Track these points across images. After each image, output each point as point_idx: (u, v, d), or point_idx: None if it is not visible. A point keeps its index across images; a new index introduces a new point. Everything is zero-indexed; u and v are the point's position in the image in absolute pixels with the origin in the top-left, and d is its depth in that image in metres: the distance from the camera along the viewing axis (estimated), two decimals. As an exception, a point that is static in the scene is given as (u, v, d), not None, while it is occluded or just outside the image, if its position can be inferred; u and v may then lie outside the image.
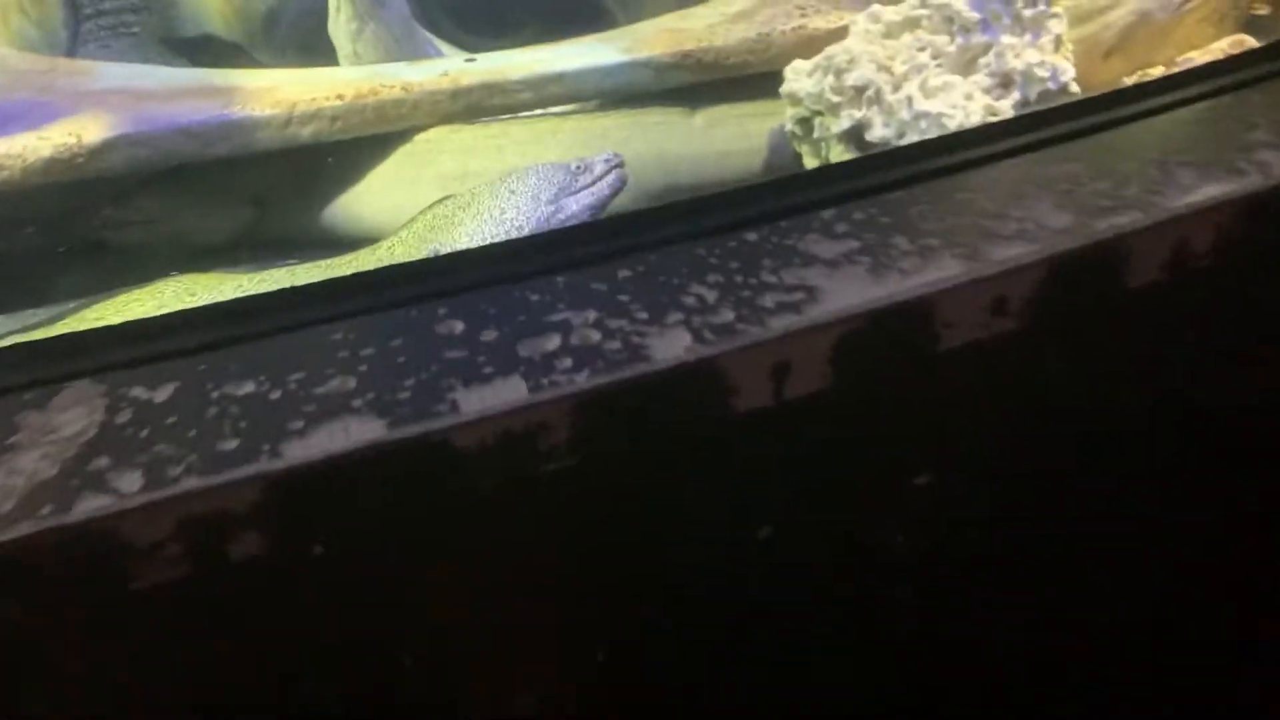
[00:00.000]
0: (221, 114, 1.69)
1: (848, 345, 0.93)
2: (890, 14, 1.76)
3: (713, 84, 1.88)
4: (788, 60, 1.85)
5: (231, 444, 0.70)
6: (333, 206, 1.95)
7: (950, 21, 1.71)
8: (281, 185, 1.95)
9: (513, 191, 1.57)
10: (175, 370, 0.78)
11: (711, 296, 0.96)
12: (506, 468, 0.76)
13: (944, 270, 0.95)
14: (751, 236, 1.10)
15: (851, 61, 1.73)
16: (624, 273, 1.03)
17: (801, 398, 0.92)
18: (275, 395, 0.77)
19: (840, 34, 1.85)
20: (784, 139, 1.86)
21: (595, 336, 0.88)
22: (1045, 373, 0.98)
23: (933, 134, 1.67)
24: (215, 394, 0.77)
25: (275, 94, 1.85)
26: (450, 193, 1.70)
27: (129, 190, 1.91)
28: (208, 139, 1.71)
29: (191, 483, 0.63)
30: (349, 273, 1.46)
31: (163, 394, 0.77)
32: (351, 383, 0.80)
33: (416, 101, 1.83)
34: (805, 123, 1.83)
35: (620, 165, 1.62)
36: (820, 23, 1.98)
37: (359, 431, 0.71)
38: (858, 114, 1.73)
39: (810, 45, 1.90)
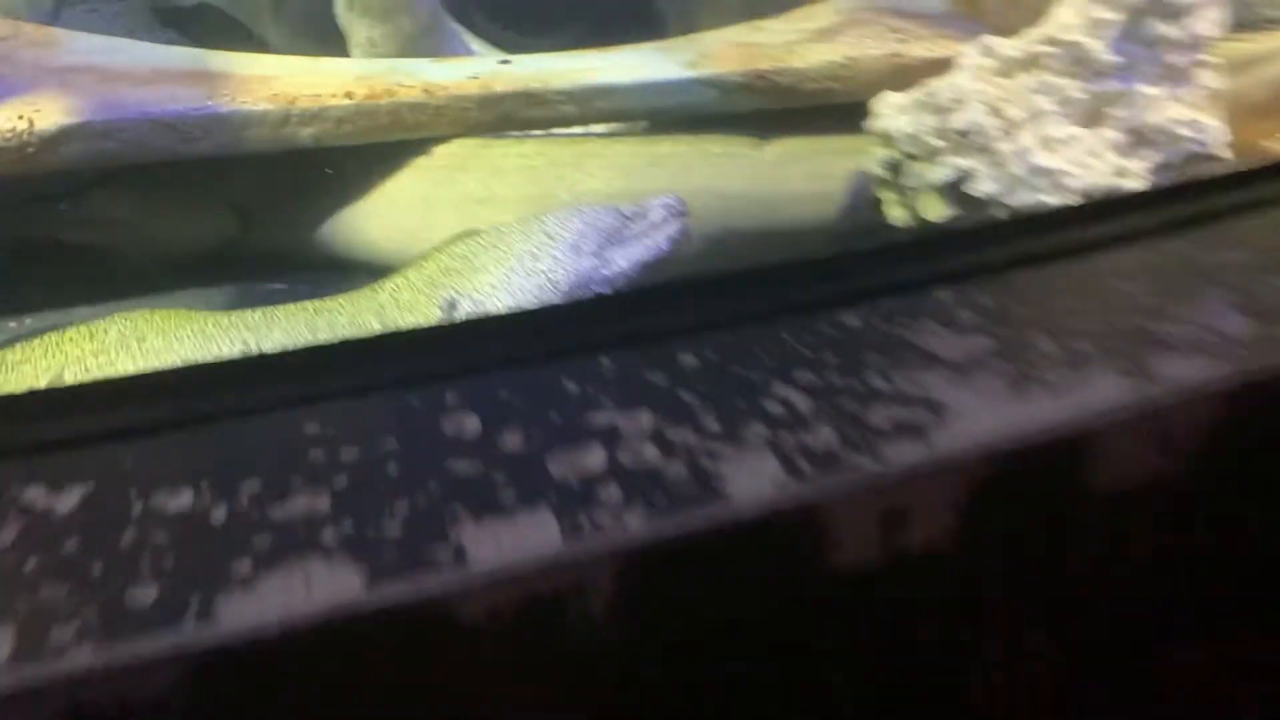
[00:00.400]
0: (206, 105, 1.62)
1: (984, 487, 0.77)
2: (1008, 48, 1.62)
3: (786, 112, 1.81)
4: (876, 91, 1.72)
5: (148, 592, 0.54)
6: (332, 223, 1.88)
7: (1080, 63, 1.56)
8: (273, 193, 1.90)
9: (549, 236, 1.43)
10: (89, 466, 0.62)
11: (804, 404, 0.80)
12: (523, 642, 0.60)
13: (1106, 389, 0.81)
14: (852, 320, 0.96)
15: (958, 101, 1.59)
16: (688, 359, 0.88)
17: (916, 554, 0.76)
18: (219, 514, 0.62)
19: (941, 67, 1.72)
20: (867, 184, 1.73)
21: (651, 454, 0.73)
22: (1216, 525, 0.82)
23: (1048, 194, 1.52)
24: (138, 507, 0.61)
25: (272, 86, 1.74)
26: (472, 225, 1.56)
27: (88, 186, 1.83)
28: (187, 134, 1.64)
29: (83, 656, 0.47)
30: (341, 323, 1.33)
31: (66, 502, 0.62)
32: (324, 502, 0.65)
33: (439, 107, 1.75)
34: (895, 168, 1.69)
35: (682, 214, 1.47)
36: (919, 50, 1.85)
37: (326, 584, 0.55)
38: (961, 163, 1.58)
39: (905, 76, 1.78)
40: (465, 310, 1.38)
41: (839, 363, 0.88)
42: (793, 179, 1.79)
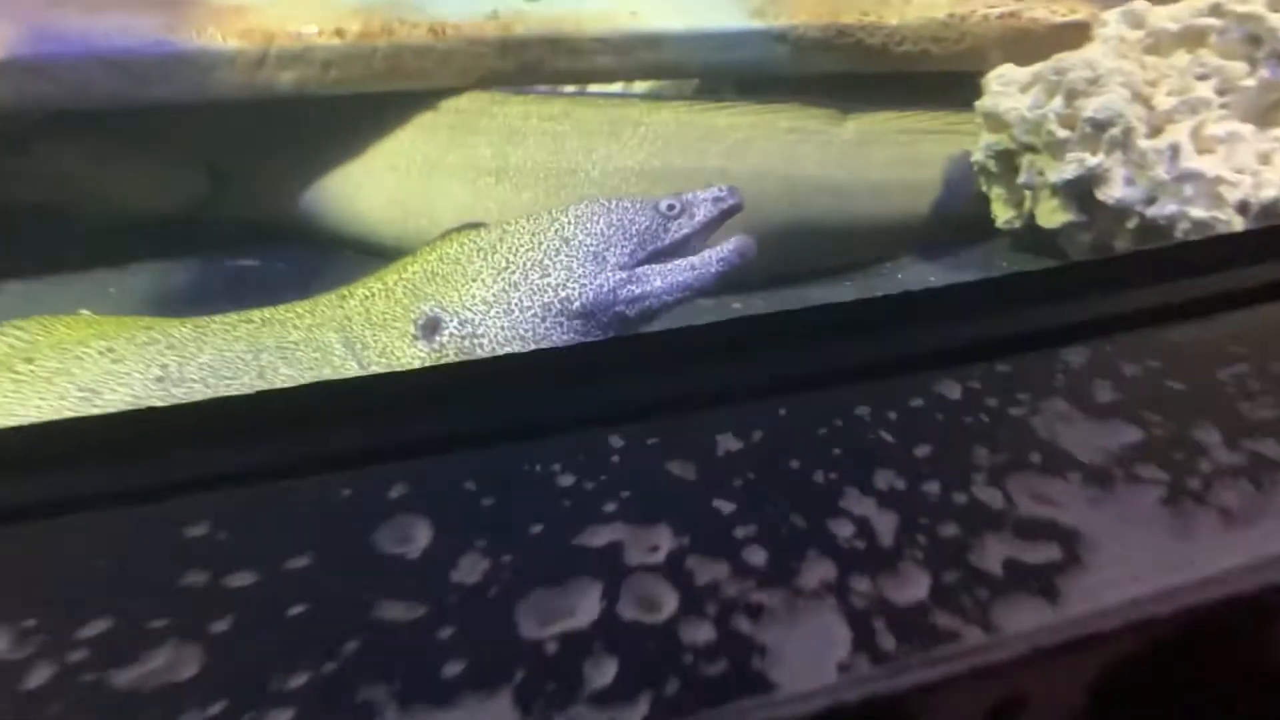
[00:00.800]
0: (164, 41, 1.54)
1: (1130, 667, 0.61)
2: (1162, 18, 1.41)
3: (873, 79, 1.69)
4: (988, 60, 1.60)
5: None
6: (317, 190, 1.80)
7: (1256, 42, 1.35)
8: (251, 151, 1.83)
9: (565, 240, 1.25)
10: None
11: (885, 527, 0.65)
12: None
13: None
14: (950, 389, 0.80)
15: (1093, 81, 1.39)
16: (728, 441, 0.71)
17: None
18: (42, 675, 0.46)
19: (1072, 35, 1.53)
20: (968, 175, 1.55)
21: (667, 602, 0.56)
22: None
23: (1199, 207, 1.32)
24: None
25: (247, 19, 1.61)
26: (480, 200, 1.50)
27: (31, 135, 1.71)
28: (143, 75, 1.56)
29: None
30: (293, 340, 1.16)
31: None
32: (191, 663, 0.48)
33: (448, 52, 1.66)
34: (1007, 158, 1.50)
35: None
36: (1044, 13, 1.66)
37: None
38: (1091, 160, 1.38)
39: (1024, 43, 1.63)
40: (449, 334, 1.20)
41: (933, 457, 0.71)
42: (877, 164, 1.65)
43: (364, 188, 1.79)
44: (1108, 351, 0.84)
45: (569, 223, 1.26)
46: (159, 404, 1.10)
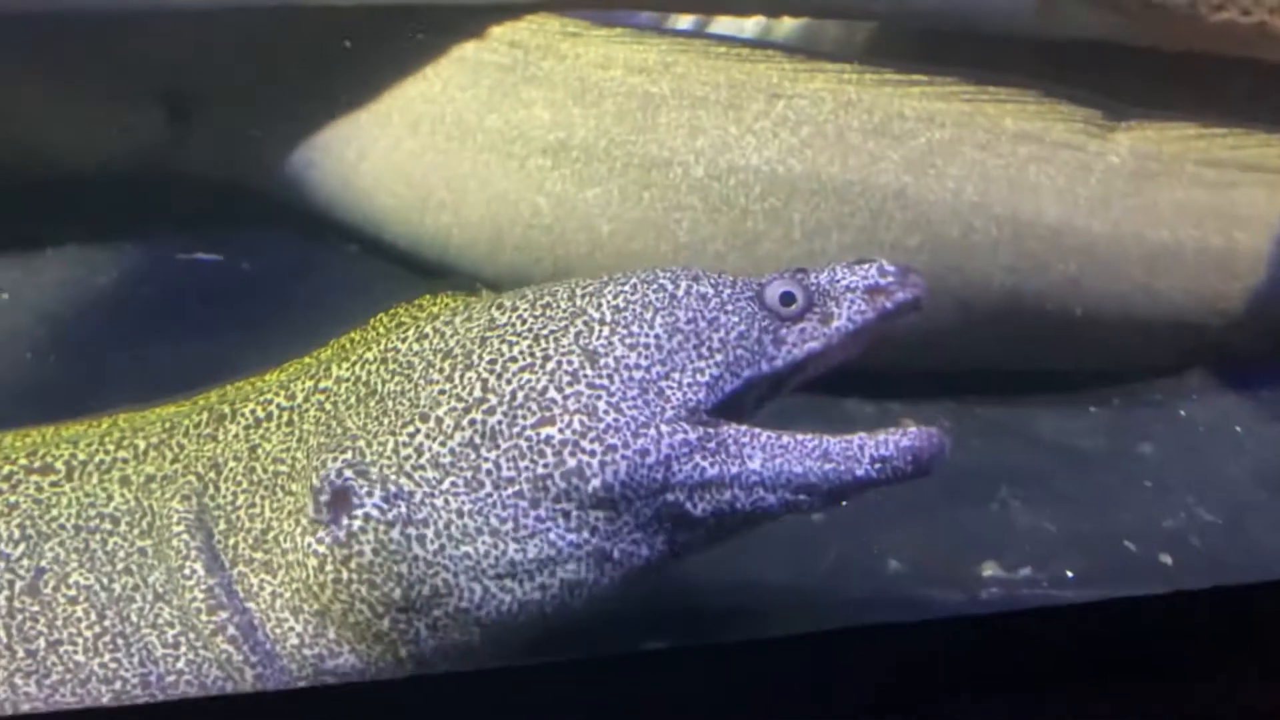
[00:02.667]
0: None
1: None
2: None
3: (1163, 64, 1.28)
4: None
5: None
6: (309, 146, 1.42)
7: None
8: (222, 79, 1.45)
9: (591, 355, 0.72)
10: None
11: None
12: None
13: None
14: None
15: None
16: None
17: None
18: None
19: None
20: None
21: None
22: None
23: None
24: None
25: None
26: (529, 184, 1.21)
27: None
28: None
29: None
30: (105, 516, 0.76)
31: None
32: None
33: None
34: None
35: (908, 304, 0.80)
36: None
37: None
38: None
39: None
40: (363, 515, 0.71)
41: None
42: (1161, 215, 1.22)
43: (372, 152, 1.38)
44: None
45: (600, 318, 0.73)
46: None
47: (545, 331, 0.76)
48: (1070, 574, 0.98)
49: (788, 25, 1.52)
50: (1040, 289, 1.17)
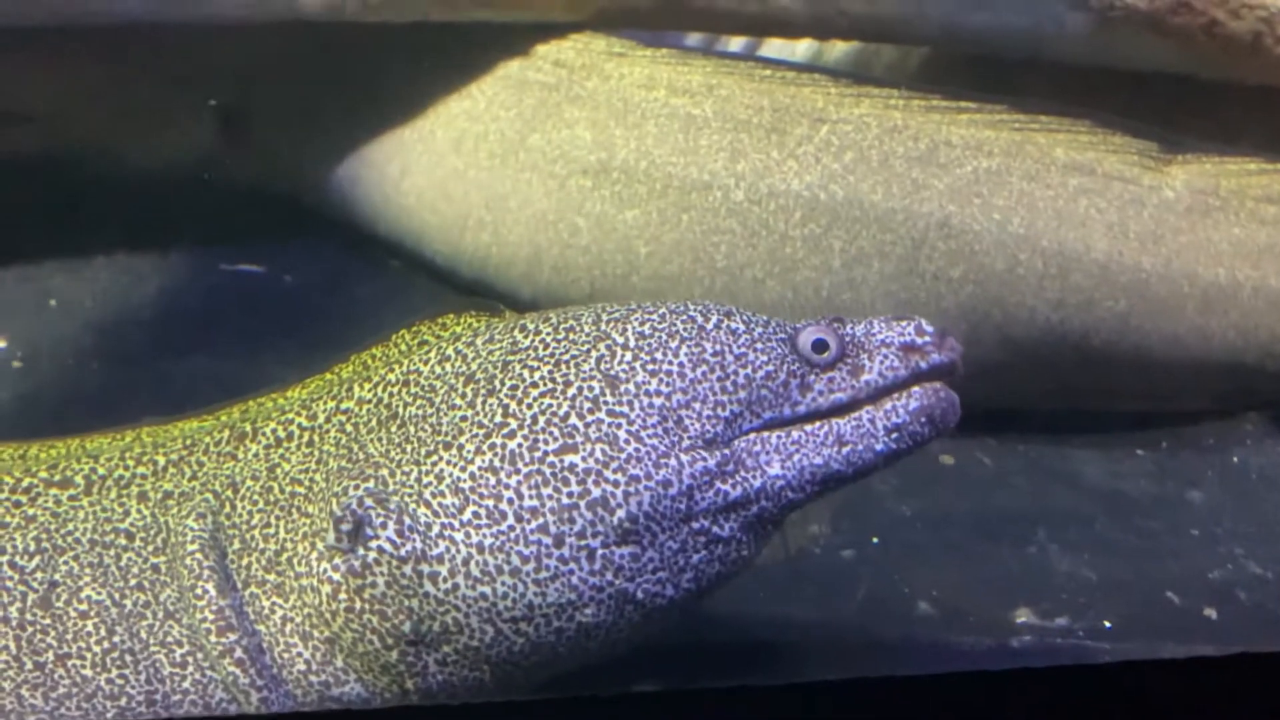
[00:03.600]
0: None
1: None
2: None
3: (1233, 96, 1.26)
4: None
5: None
6: (355, 160, 1.43)
7: None
8: (270, 92, 1.47)
9: (612, 382, 0.70)
10: None
11: None
12: None
13: None
14: None
15: None
16: None
17: None
18: None
19: None
20: None
21: None
22: None
23: None
24: None
25: None
26: (568, 204, 1.20)
27: None
28: None
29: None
30: (121, 532, 0.76)
31: None
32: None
33: None
34: None
35: (943, 367, 0.76)
36: None
37: None
38: None
39: None
40: (378, 547, 0.69)
41: None
42: (1217, 252, 1.16)
43: (415, 169, 1.37)
44: None
45: (624, 343, 0.72)
46: None
47: (567, 356, 0.74)
48: (1108, 624, 0.93)
49: (840, 49, 1.49)
50: (1087, 326, 1.13)
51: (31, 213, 1.45)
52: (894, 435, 0.74)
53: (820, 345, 0.76)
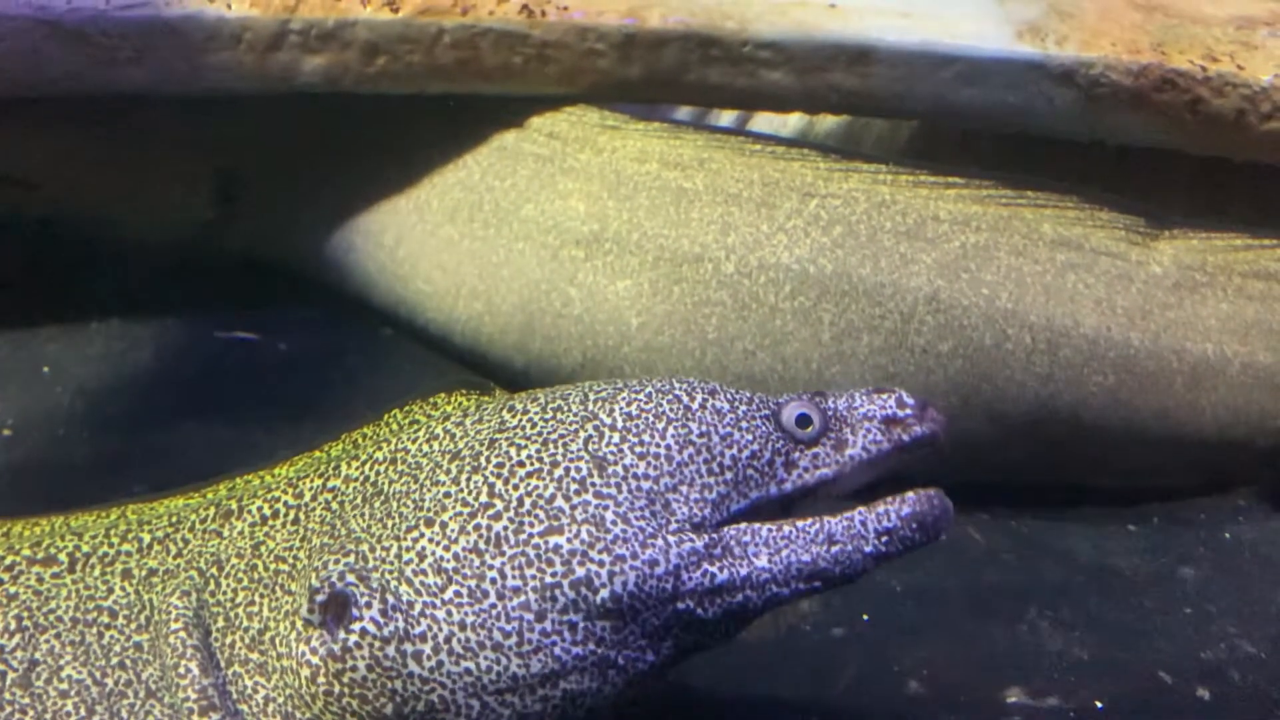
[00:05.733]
0: (140, 3, 1.25)
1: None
2: None
3: (1220, 170, 1.25)
4: None
5: None
6: (349, 229, 1.44)
7: None
8: (265, 161, 1.49)
9: (600, 463, 0.72)
10: None
11: None
12: None
13: None
14: None
15: None
16: None
17: None
18: None
19: None
20: None
21: None
22: None
23: None
24: None
25: None
26: (558, 271, 1.21)
27: None
28: (108, 50, 1.25)
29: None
30: (104, 609, 0.76)
31: None
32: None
33: (548, 45, 1.30)
34: None
35: (925, 439, 0.77)
36: None
37: None
38: None
39: None
40: (360, 629, 0.69)
41: None
42: (1206, 328, 1.16)
43: (409, 238, 1.38)
44: None
45: (612, 424, 0.72)
46: None
47: (555, 435, 0.74)
48: (1100, 705, 0.92)
49: (830, 121, 1.49)
50: (1076, 401, 1.12)
51: (27, 279, 1.45)
52: (884, 539, 0.74)
53: (804, 420, 0.77)
